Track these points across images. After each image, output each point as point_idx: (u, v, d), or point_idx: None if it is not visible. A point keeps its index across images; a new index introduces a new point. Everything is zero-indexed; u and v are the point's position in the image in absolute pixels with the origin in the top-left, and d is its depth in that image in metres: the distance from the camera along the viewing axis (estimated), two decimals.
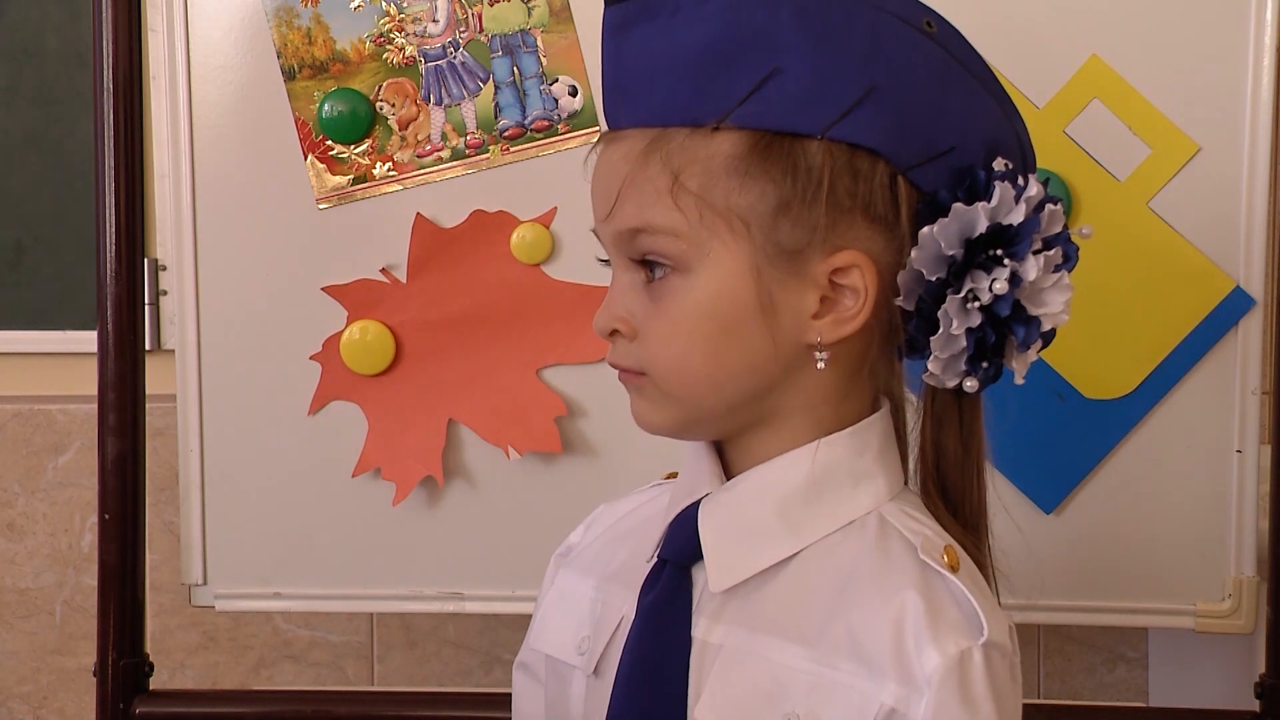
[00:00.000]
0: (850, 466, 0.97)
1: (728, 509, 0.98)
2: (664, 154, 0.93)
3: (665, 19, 0.93)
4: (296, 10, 1.52)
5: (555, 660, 1.09)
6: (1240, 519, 1.48)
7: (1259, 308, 1.46)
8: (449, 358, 1.54)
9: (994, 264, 0.94)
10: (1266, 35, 1.44)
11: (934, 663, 0.89)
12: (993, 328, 0.95)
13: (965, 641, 0.90)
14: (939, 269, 0.94)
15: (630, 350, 0.97)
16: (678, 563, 1.00)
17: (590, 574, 1.09)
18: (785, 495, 0.97)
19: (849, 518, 0.97)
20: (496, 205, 1.52)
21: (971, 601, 0.91)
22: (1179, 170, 1.45)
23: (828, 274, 0.93)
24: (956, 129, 0.96)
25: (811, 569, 0.96)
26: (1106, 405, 1.47)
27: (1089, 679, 1.94)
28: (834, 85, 0.92)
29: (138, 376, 1.57)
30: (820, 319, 0.94)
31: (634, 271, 0.96)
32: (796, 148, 0.92)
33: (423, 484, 1.56)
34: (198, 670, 2.03)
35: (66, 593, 2.03)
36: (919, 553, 0.94)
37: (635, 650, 0.99)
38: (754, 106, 0.92)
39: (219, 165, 1.55)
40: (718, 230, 0.93)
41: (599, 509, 1.17)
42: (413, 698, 1.70)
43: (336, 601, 1.60)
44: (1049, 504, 1.49)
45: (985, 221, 0.93)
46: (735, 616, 0.97)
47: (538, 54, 1.50)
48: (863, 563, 0.95)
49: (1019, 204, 0.94)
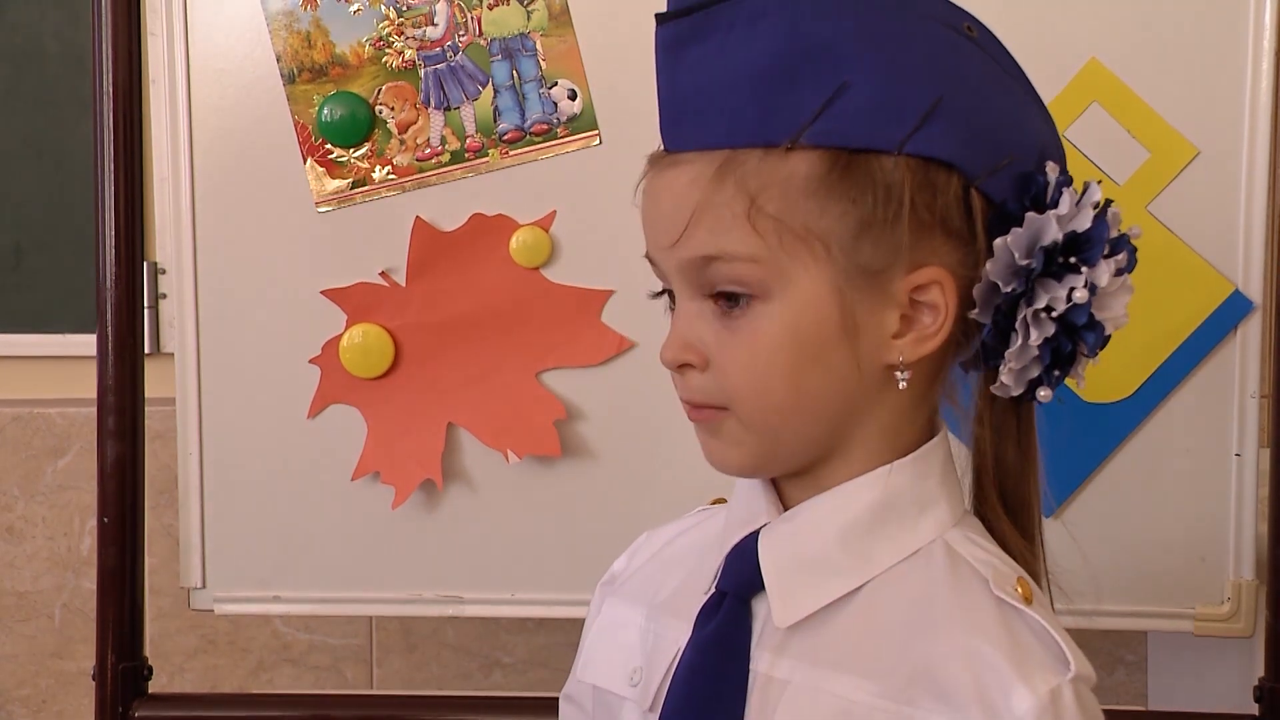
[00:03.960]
0: (915, 493, 0.94)
1: (789, 540, 0.95)
2: (738, 177, 0.89)
3: (721, 35, 0.90)
4: (296, 14, 1.52)
5: (604, 692, 1.05)
6: (1239, 523, 1.48)
7: (1258, 311, 1.46)
8: (448, 361, 1.54)
9: (1067, 271, 0.92)
10: (1266, 39, 1.44)
11: (1027, 704, 0.86)
12: (1067, 336, 0.94)
13: (1055, 679, 0.87)
14: (1015, 280, 0.92)
15: (705, 383, 0.93)
16: (738, 594, 0.96)
17: (639, 602, 1.05)
18: (847, 524, 0.94)
19: (914, 547, 0.94)
20: (496, 209, 1.52)
21: (1053, 636, 0.89)
22: (1178, 174, 1.45)
23: (908, 291, 0.91)
24: (1013, 136, 0.94)
25: (880, 601, 0.93)
26: (1106, 408, 1.47)
27: None
28: (903, 98, 0.89)
29: (137, 380, 1.57)
30: (901, 338, 0.92)
31: (702, 299, 0.92)
32: (874, 165, 0.89)
33: (422, 487, 1.56)
34: (197, 673, 2.03)
35: (65, 596, 2.03)
36: (992, 587, 0.91)
37: (688, 683, 0.96)
38: (826, 124, 0.89)
39: (218, 169, 1.55)
40: (798, 254, 0.89)
41: (641, 537, 1.13)
42: (412, 701, 1.70)
43: (335, 605, 1.60)
44: (1048, 507, 1.47)
45: (1057, 229, 0.92)
46: (800, 651, 0.94)
47: (537, 58, 1.50)
48: (934, 596, 0.92)
49: (1084, 209, 0.93)
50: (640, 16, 1.46)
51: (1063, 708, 0.87)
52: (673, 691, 0.97)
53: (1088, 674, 0.89)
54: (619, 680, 1.03)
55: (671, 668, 0.98)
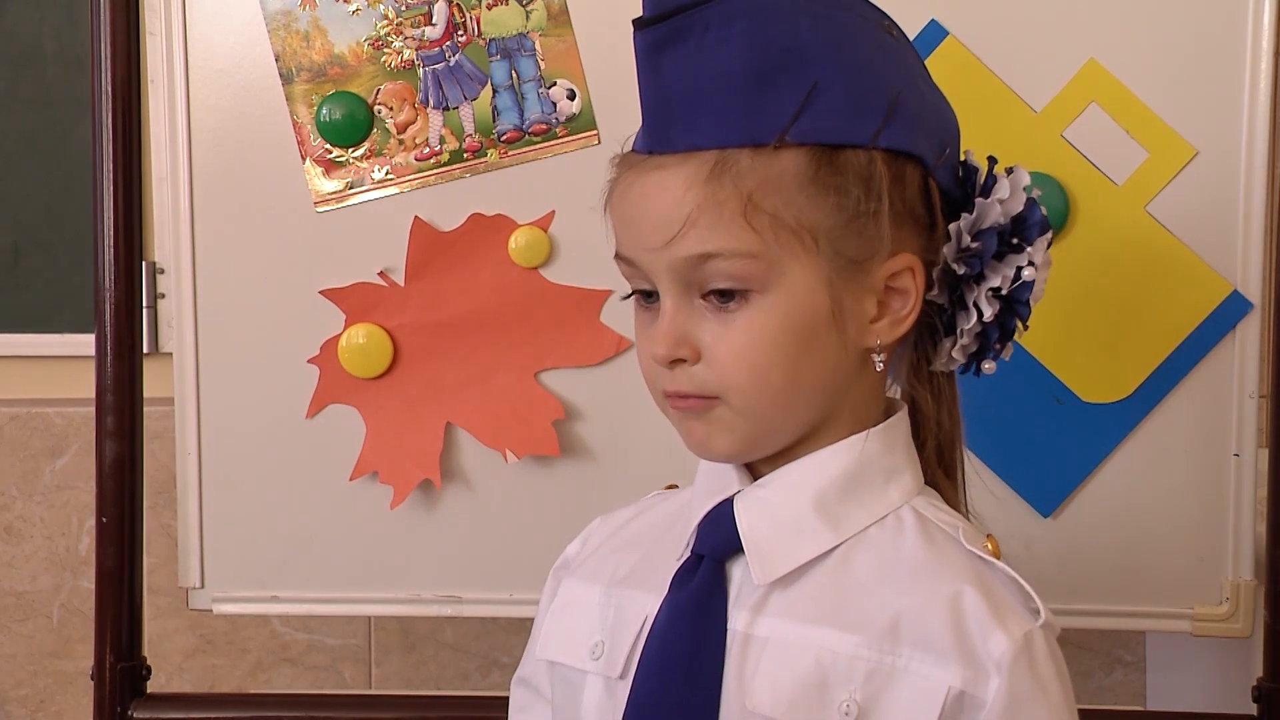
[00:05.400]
0: (882, 463, 1.01)
1: (765, 504, 1.00)
2: (733, 176, 0.93)
3: (697, 38, 0.94)
4: (295, 14, 1.52)
5: (565, 668, 1.08)
6: (1237, 523, 1.48)
7: (1256, 311, 1.46)
8: (447, 361, 1.54)
9: (1010, 252, 1.00)
10: (1264, 40, 1.44)
11: (1003, 646, 0.93)
12: (1011, 312, 1.01)
13: (1028, 624, 0.95)
14: (971, 262, 0.99)
15: (697, 375, 0.97)
16: (714, 556, 1.01)
17: (596, 581, 1.09)
18: (821, 489, 0.99)
19: (882, 512, 1.00)
20: (494, 209, 1.52)
21: (1024, 586, 0.96)
22: (1176, 174, 1.45)
23: (885, 278, 0.97)
24: (944, 126, 1.01)
25: (855, 560, 0.98)
26: (1104, 409, 1.47)
27: (1087, 682, 1.94)
28: (868, 94, 0.95)
29: (135, 379, 1.57)
30: (878, 322, 0.98)
31: (690, 295, 0.96)
32: (854, 159, 0.95)
33: (420, 487, 1.56)
34: (195, 673, 2.03)
35: (64, 596, 2.03)
36: (964, 543, 0.98)
37: (665, 645, 1.00)
38: (807, 122, 0.94)
39: (217, 168, 1.55)
40: (791, 247, 0.94)
41: (595, 521, 1.17)
42: (410, 701, 1.70)
43: (334, 605, 1.60)
44: (1047, 508, 1.49)
45: (1000, 213, 1.00)
46: (779, 609, 0.98)
47: (536, 57, 1.50)
48: (909, 553, 0.98)
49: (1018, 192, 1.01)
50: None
51: (1035, 650, 0.94)
52: (648, 653, 1.01)
53: (1054, 623, 0.96)
54: (580, 655, 1.06)
55: (641, 635, 1.02)
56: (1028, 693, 0.93)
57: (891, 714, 0.94)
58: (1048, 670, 0.94)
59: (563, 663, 1.08)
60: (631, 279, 1.00)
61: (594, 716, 1.04)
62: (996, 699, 0.93)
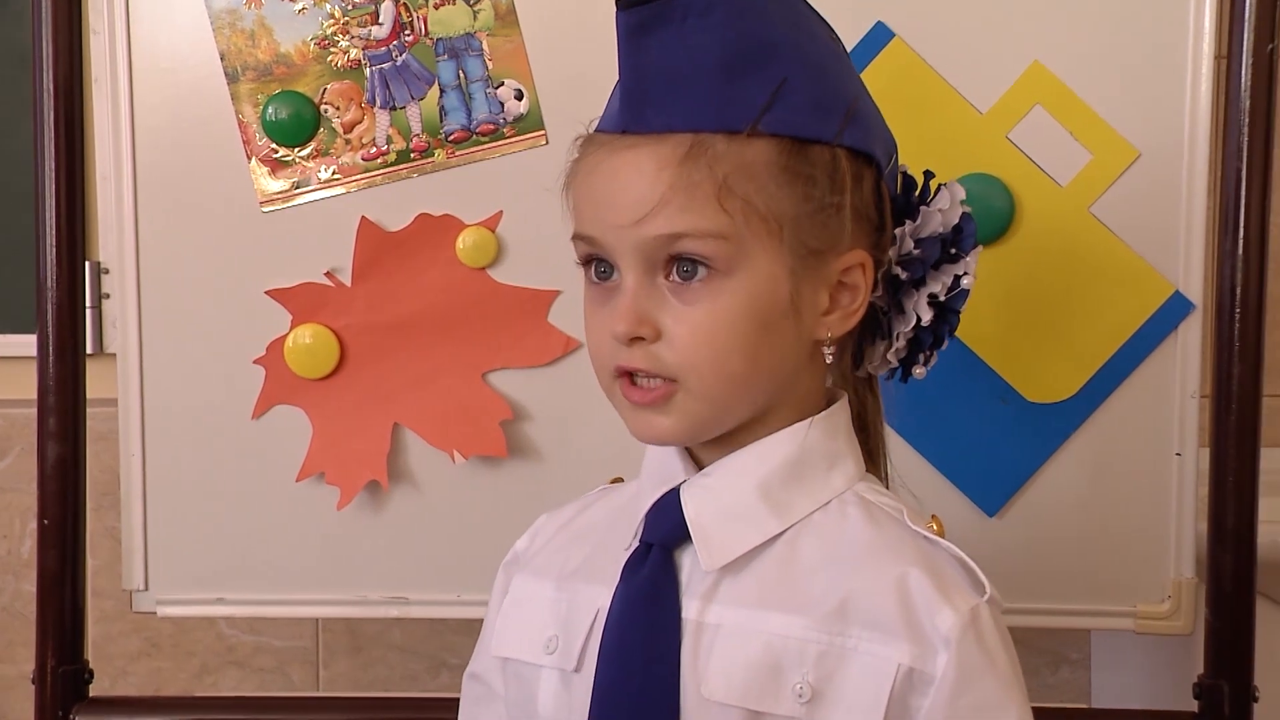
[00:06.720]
0: (825, 449, 1.03)
1: (711, 492, 1.02)
2: (709, 159, 0.95)
3: (678, 24, 0.96)
4: (240, 12, 1.51)
5: (518, 663, 1.08)
6: (1179, 521, 1.49)
7: (1198, 312, 1.47)
8: (394, 361, 1.53)
9: (948, 261, 1.04)
10: (1205, 43, 1.45)
11: (950, 621, 0.95)
12: (944, 320, 1.05)
13: (973, 599, 0.97)
14: (914, 267, 1.02)
15: (656, 354, 0.98)
16: (663, 545, 1.02)
17: (547, 576, 1.10)
18: (765, 477, 1.01)
19: (826, 498, 1.02)
20: (442, 209, 1.52)
21: (969, 563, 0.98)
22: (1119, 176, 1.46)
23: (839, 272, 0.99)
24: (888, 137, 1.04)
25: (801, 545, 1.00)
26: (1048, 409, 1.49)
27: (1032, 681, 1.94)
28: (829, 95, 0.99)
29: (78, 381, 1.56)
30: (829, 315, 1.00)
31: (653, 275, 0.98)
32: (823, 154, 0.97)
33: (367, 488, 1.55)
34: (140, 677, 2.02)
35: (6, 599, 2.01)
36: (908, 522, 1.00)
37: (622, 634, 1.01)
38: (778, 114, 0.96)
39: (161, 168, 1.54)
40: (759, 233, 0.96)
41: (541, 518, 1.18)
42: (359, 703, 1.70)
43: (281, 607, 1.60)
44: (992, 507, 1.50)
45: (940, 222, 1.03)
46: (729, 597, 1.00)
47: (483, 57, 1.50)
48: (855, 535, 1.00)
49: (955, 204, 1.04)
50: (587, 17, 1.47)
51: (982, 624, 0.96)
52: (607, 645, 1.02)
53: (998, 598, 0.98)
54: (534, 650, 1.07)
55: (595, 627, 1.03)
56: (976, 666, 0.95)
57: (844, 694, 0.96)
58: (995, 642, 0.96)
59: (517, 658, 1.08)
60: (586, 257, 1.01)
61: (550, 710, 1.05)
62: (946, 673, 0.95)
